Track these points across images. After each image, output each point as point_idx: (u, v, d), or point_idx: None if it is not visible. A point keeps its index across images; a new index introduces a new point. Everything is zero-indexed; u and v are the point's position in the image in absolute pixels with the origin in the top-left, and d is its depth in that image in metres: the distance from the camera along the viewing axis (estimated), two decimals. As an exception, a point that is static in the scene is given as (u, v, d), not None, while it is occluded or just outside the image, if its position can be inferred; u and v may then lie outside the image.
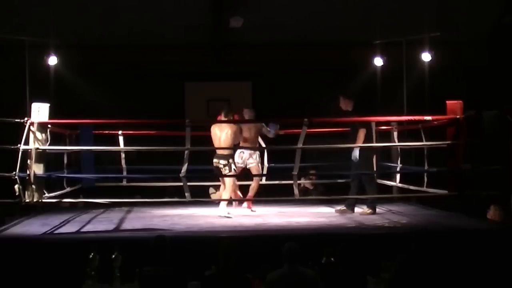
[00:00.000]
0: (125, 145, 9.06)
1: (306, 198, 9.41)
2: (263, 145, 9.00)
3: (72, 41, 11.25)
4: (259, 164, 8.77)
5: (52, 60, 10.89)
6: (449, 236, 6.43)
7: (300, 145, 7.35)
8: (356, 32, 11.56)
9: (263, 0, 11.52)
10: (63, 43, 10.97)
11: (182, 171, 7.32)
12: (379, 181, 9.04)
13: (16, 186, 6.84)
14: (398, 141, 9.05)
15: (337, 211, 8.31)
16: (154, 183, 9.13)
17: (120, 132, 9.12)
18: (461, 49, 11.92)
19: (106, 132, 9.03)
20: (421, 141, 8.27)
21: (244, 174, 8.69)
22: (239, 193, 8.62)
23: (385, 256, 5.62)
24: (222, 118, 8.21)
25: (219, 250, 5.04)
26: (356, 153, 8.00)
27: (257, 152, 8.71)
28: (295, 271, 4.96)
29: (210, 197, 8.82)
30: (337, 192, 8.80)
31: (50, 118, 7.21)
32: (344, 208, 8.24)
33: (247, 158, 8.63)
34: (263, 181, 9.04)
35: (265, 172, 9.05)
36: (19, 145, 6.88)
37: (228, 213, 8.00)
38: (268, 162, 9.16)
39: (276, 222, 7.53)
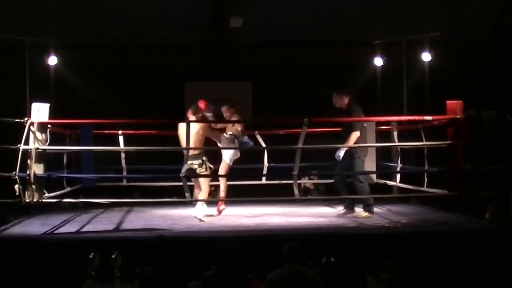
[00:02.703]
0: (125, 145, 9.06)
1: (306, 198, 9.40)
2: (263, 144, 8.99)
3: (72, 41, 11.26)
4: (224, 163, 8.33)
5: (52, 60, 10.90)
6: (449, 236, 6.43)
7: (300, 145, 7.34)
8: (356, 32, 11.56)
9: (263, 0, 11.52)
10: (63, 43, 10.97)
11: (182, 171, 7.32)
12: (379, 181, 9.04)
13: (16, 186, 6.83)
14: (398, 141, 9.04)
15: (340, 215, 8.18)
16: (154, 183, 9.13)
17: (120, 132, 9.11)
18: (461, 49, 11.93)
19: (106, 132, 9.02)
20: (421, 141, 8.26)
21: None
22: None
23: (385, 256, 5.63)
24: (191, 115, 7.81)
25: (219, 250, 5.04)
26: (340, 153, 7.81)
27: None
28: (295, 271, 4.96)
29: (210, 197, 8.77)
30: (338, 192, 8.78)
31: (50, 118, 7.21)
32: (345, 210, 8.19)
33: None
34: (263, 181, 9.04)
35: (265, 172, 9.03)
36: (19, 145, 6.87)
37: (204, 216, 7.69)
38: (268, 162, 9.15)
39: (276, 222, 7.53)
